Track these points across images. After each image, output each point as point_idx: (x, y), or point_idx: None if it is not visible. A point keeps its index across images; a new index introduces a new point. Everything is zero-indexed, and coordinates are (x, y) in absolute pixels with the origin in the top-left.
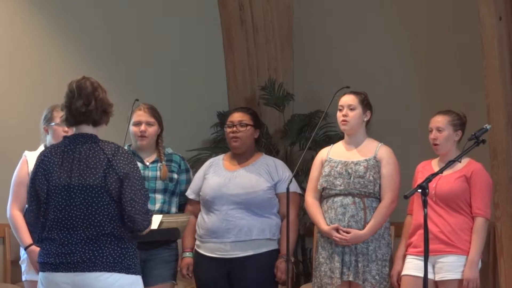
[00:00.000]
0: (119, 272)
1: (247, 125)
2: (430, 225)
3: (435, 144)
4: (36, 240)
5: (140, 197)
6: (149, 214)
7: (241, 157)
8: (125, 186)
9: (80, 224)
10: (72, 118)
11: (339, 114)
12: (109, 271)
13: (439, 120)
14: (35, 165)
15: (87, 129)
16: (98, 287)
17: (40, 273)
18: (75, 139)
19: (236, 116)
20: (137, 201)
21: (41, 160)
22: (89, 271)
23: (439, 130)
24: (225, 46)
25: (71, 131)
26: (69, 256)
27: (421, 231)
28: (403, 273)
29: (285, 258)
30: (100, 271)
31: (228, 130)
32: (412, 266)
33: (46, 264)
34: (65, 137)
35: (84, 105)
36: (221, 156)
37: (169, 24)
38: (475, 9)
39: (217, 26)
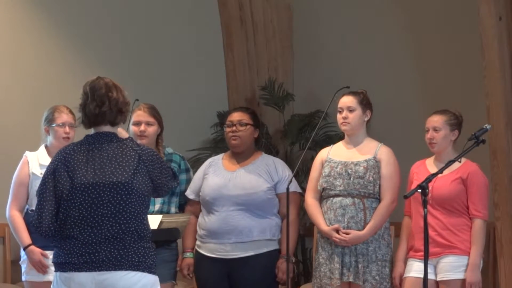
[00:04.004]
0: (143, 271)
1: (246, 124)
2: (428, 229)
3: (431, 143)
4: (54, 239)
5: (168, 174)
6: (174, 175)
7: (240, 157)
8: (159, 179)
9: (106, 222)
10: (88, 120)
11: (339, 116)
12: (134, 270)
13: (436, 120)
14: (55, 162)
15: (105, 129)
16: (122, 286)
17: (59, 273)
18: (99, 138)
19: (236, 116)
20: (169, 180)
21: (64, 157)
22: (115, 270)
23: (435, 129)
24: (225, 46)
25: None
26: (93, 256)
27: (421, 235)
28: (406, 275)
29: (286, 258)
30: (126, 270)
31: (228, 129)
32: (414, 268)
33: (67, 264)
34: (87, 136)
35: (98, 106)
36: (220, 156)
37: (169, 24)
38: (475, 9)
39: (217, 26)
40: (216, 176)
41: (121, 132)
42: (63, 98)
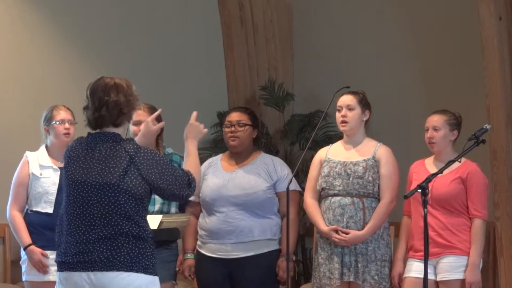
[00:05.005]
0: (137, 272)
1: (245, 124)
2: (428, 229)
3: (431, 143)
4: (57, 235)
5: (175, 181)
6: (190, 184)
7: (239, 157)
8: (156, 182)
9: (98, 222)
10: (90, 123)
11: (338, 115)
12: (126, 270)
13: (436, 120)
14: (64, 158)
15: (109, 129)
16: (115, 286)
17: (58, 272)
18: (97, 137)
19: (234, 116)
20: (176, 187)
21: (66, 153)
22: (107, 270)
23: (435, 129)
24: (225, 46)
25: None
26: (86, 255)
27: (421, 235)
28: (405, 275)
29: (286, 257)
30: (118, 270)
31: (227, 130)
32: (414, 268)
33: (64, 263)
34: (88, 134)
35: (96, 110)
36: (219, 156)
37: (169, 24)
38: (475, 9)
39: (217, 26)
40: (215, 177)
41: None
42: (64, 98)
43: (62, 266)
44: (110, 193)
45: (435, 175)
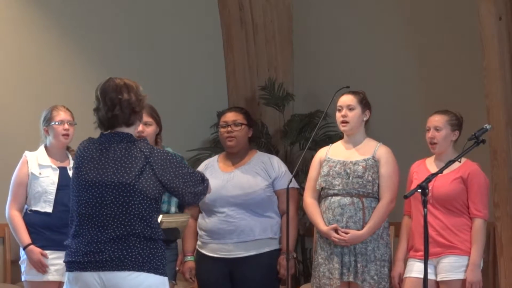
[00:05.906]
0: (148, 272)
1: (241, 124)
2: (429, 228)
3: (432, 143)
4: (70, 235)
5: (189, 179)
6: (204, 180)
7: (235, 157)
8: (172, 181)
9: (111, 222)
10: (102, 124)
11: (338, 114)
12: (137, 270)
13: (437, 120)
14: (75, 157)
15: (121, 129)
16: (126, 286)
17: (67, 273)
18: (111, 137)
19: (230, 116)
20: (191, 184)
21: (77, 153)
22: (118, 270)
23: (437, 129)
24: (225, 46)
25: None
26: (97, 255)
27: (422, 234)
28: (406, 275)
29: (286, 255)
30: (129, 270)
31: (223, 130)
32: (415, 268)
33: (74, 263)
34: (101, 134)
35: (109, 110)
36: (215, 158)
37: (169, 24)
38: (475, 9)
39: (217, 26)
40: (213, 178)
41: None
42: (65, 98)
43: (72, 265)
44: (125, 193)
45: (435, 175)
